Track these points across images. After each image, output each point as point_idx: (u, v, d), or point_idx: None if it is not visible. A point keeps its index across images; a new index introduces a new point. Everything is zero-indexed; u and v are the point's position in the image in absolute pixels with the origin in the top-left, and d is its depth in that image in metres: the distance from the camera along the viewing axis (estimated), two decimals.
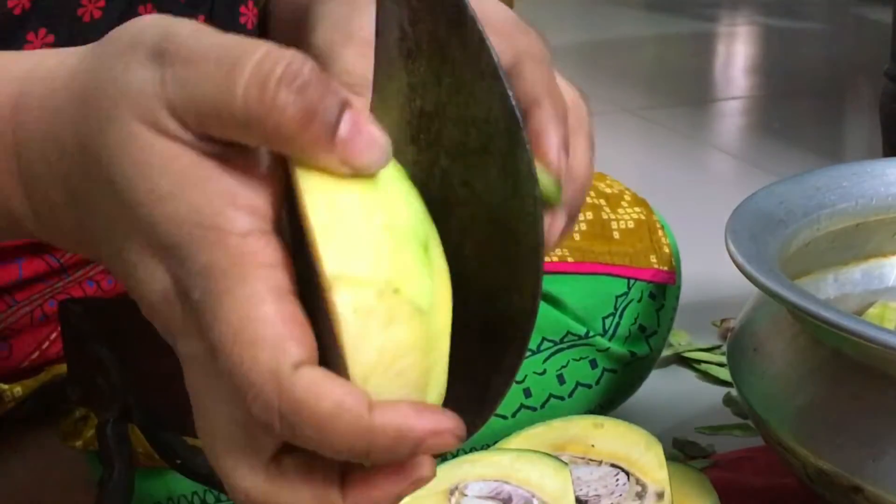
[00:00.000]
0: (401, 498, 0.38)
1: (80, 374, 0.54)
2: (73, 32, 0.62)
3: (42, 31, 0.61)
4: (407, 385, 0.36)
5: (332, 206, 0.35)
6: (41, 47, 0.61)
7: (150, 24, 0.38)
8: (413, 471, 0.37)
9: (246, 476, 0.37)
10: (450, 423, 0.36)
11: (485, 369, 0.41)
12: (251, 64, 0.35)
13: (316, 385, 0.34)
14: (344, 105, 0.35)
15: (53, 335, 0.69)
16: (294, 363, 0.35)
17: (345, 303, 0.34)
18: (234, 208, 0.36)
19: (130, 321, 0.42)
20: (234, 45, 0.36)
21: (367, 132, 0.36)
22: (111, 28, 0.39)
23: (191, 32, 0.37)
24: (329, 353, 0.36)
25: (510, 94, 0.38)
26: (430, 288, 0.36)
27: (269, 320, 0.35)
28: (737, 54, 2.51)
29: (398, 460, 0.36)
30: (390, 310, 0.35)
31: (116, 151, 0.37)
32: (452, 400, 0.42)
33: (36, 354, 0.69)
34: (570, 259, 0.81)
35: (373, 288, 0.35)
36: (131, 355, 0.53)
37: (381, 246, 0.35)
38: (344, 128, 0.35)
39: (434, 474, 0.38)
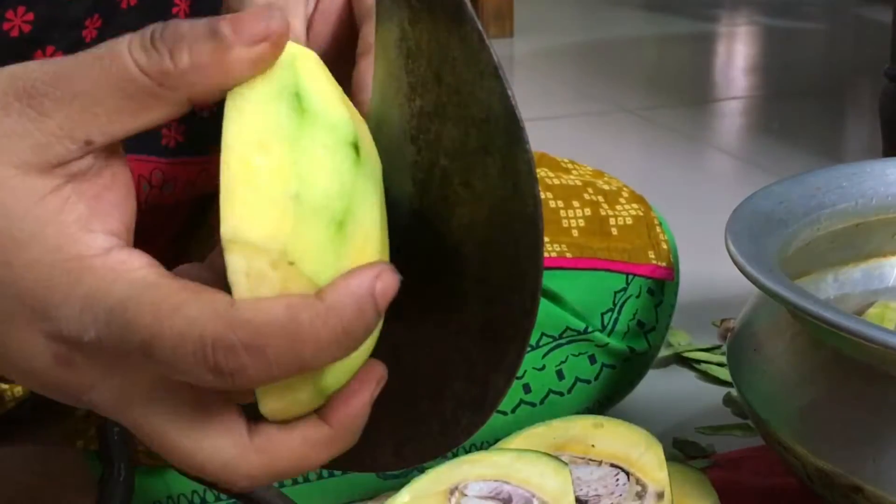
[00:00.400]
0: (373, 398, 0.38)
1: None
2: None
3: (21, 9, 0.60)
4: None
5: (245, 164, 0.35)
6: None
7: None
8: (372, 369, 0.38)
9: (238, 458, 0.37)
10: (377, 264, 0.36)
11: (485, 368, 0.41)
12: (125, 46, 0.36)
13: (258, 306, 0.34)
14: (214, 18, 0.36)
15: None
16: (229, 301, 0.34)
17: (237, 267, 0.34)
18: (89, 233, 0.36)
19: None
20: (94, 50, 0.36)
21: (244, 15, 0.36)
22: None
23: (39, 65, 0.37)
24: None
25: (510, 94, 0.38)
26: (334, 266, 0.36)
27: (177, 288, 0.35)
28: (737, 54, 2.51)
29: (371, 331, 0.35)
30: (285, 281, 0.35)
31: None
32: (453, 399, 0.42)
33: None
34: (568, 255, 0.81)
35: (267, 257, 0.34)
36: None
37: (283, 215, 0.35)
38: (225, 26, 0.36)
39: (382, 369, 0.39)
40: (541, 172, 0.85)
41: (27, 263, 0.36)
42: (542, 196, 0.82)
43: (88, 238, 0.36)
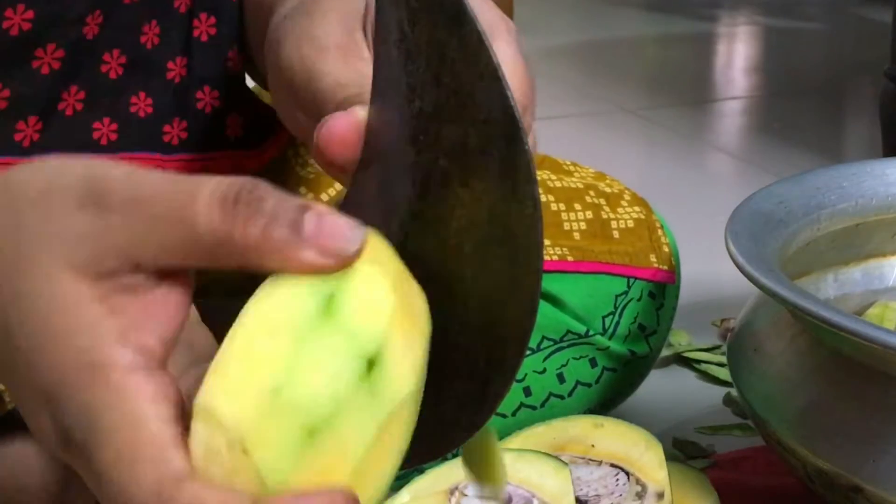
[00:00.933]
0: None
1: None
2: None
3: (20, 7, 0.60)
4: None
5: (247, 342, 0.36)
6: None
7: (68, 168, 0.38)
8: None
9: None
10: (334, 493, 0.35)
11: (485, 369, 0.41)
12: (206, 191, 0.36)
13: (198, 497, 0.35)
14: (303, 207, 0.36)
15: None
16: (177, 475, 0.35)
17: (199, 436, 0.35)
18: (121, 345, 0.37)
19: None
20: (180, 180, 0.37)
21: (331, 222, 0.36)
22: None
23: (124, 175, 0.37)
24: None
25: (509, 94, 0.38)
26: (290, 470, 0.35)
27: (150, 437, 0.36)
28: (737, 54, 2.51)
29: None
30: (234, 467, 0.35)
31: (24, 298, 0.37)
32: (453, 399, 0.42)
33: None
34: (569, 258, 0.81)
35: (225, 436, 0.35)
36: None
37: (256, 403, 0.35)
38: (309, 224, 0.36)
39: None
40: (543, 175, 0.85)
41: (45, 358, 0.37)
42: (544, 199, 0.82)
43: (118, 352, 0.37)
